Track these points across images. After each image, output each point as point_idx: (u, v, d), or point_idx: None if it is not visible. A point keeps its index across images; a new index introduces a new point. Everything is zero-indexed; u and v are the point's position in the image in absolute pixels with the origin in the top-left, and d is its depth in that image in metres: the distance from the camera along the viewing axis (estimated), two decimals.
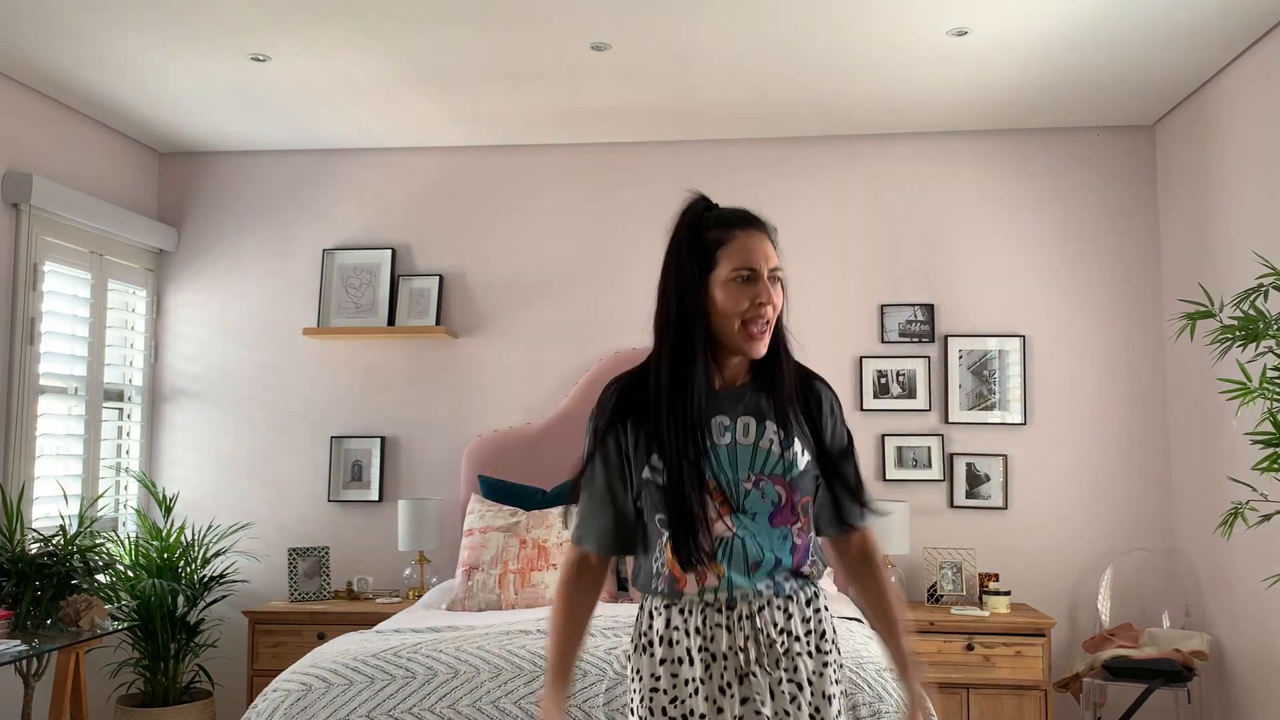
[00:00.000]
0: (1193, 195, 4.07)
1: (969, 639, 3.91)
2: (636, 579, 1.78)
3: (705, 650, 1.69)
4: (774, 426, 1.72)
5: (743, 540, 1.69)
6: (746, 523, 1.69)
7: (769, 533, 1.70)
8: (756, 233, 1.72)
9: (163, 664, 4.11)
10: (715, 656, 1.69)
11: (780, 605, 1.70)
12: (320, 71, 3.83)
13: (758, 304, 1.68)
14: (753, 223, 1.74)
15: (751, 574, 1.69)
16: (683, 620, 1.71)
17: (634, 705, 1.74)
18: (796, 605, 1.72)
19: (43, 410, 3.99)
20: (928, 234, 4.50)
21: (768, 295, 1.69)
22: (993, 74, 3.86)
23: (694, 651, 1.69)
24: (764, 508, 1.70)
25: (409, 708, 2.45)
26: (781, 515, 1.71)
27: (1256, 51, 3.56)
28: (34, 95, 4.01)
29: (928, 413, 4.43)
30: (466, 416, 4.62)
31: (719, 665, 1.68)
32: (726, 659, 1.68)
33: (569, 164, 4.69)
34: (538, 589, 3.71)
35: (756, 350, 1.70)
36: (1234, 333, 2.45)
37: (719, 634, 1.69)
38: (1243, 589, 3.71)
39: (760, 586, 1.69)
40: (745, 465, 1.70)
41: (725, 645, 1.68)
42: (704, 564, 1.67)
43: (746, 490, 1.69)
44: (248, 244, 4.77)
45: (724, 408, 1.73)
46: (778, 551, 1.70)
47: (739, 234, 1.71)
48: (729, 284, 1.69)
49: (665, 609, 1.73)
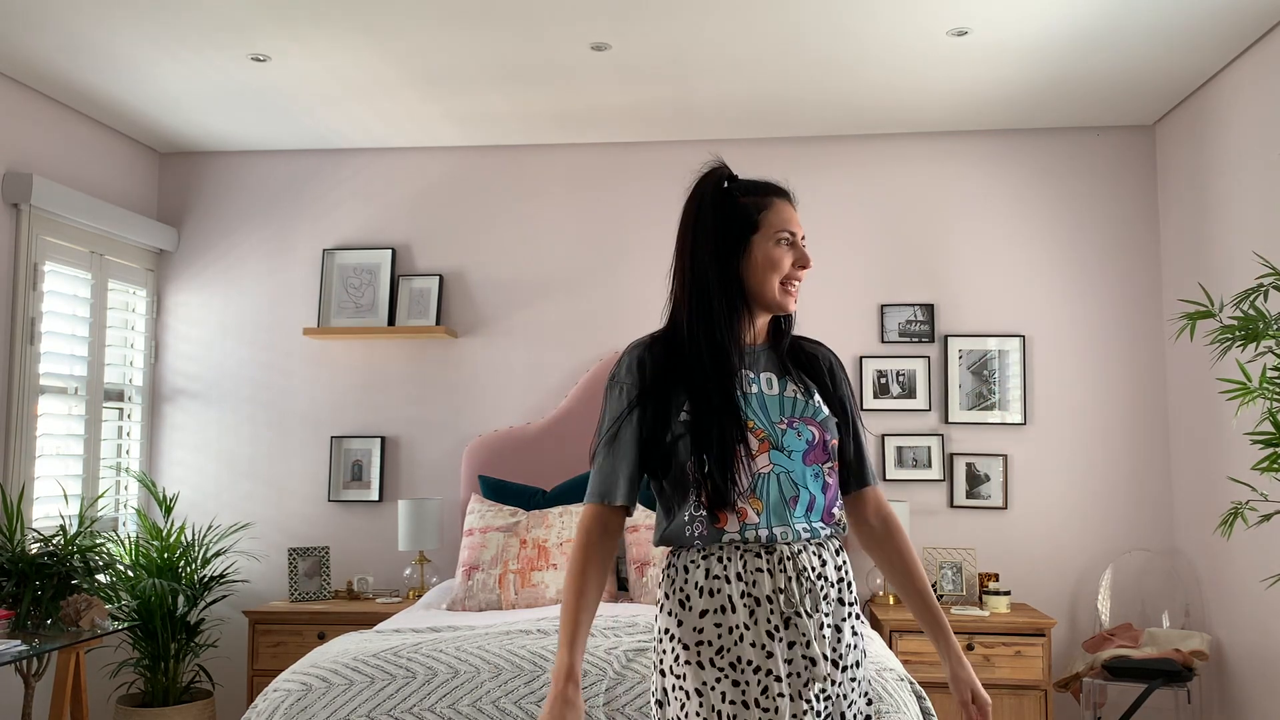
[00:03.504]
0: (1193, 195, 4.07)
1: (969, 639, 3.91)
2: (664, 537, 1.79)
3: (748, 595, 1.71)
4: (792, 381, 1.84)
5: (778, 477, 1.75)
6: (783, 460, 1.76)
7: (803, 470, 1.77)
8: (789, 202, 1.88)
9: (163, 664, 4.11)
10: (759, 601, 1.70)
11: (815, 550, 1.76)
12: (320, 71, 3.83)
13: (798, 265, 1.83)
14: (786, 192, 1.90)
15: (790, 510, 1.74)
16: (722, 568, 1.72)
17: (669, 665, 1.73)
18: (829, 552, 1.78)
19: (43, 410, 3.99)
20: (928, 234, 4.50)
21: (807, 258, 1.85)
22: (993, 74, 3.86)
23: (737, 598, 1.71)
24: (799, 445, 1.77)
25: (409, 708, 2.45)
26: (815, 453, 1.79)
27: (1256, 51, 3.56)
28: (34, 95, 4.01)
29: (928, 413, 4.43)
30: (466, 416, 4.62)
31: (764, 610, 1.70)
32: (771, 602, 1.70)
33: (569, 164, 4.69)
34: (538, 589, 3.71)
35: (790, 306, 1.85)
36: (1234, 333, 2.45)
37: (760, 578, 1.71)
38: (1243, 589, 3.71)
39: (798, 527, 1.74)
40: (776, 410, 1.79)
41: (769, 588, 1.71)
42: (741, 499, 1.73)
43: (782, 430, 1.77)
44: (248, 244, 4.77)
45: (749, 363, 1.83)
46: (812, 488, 1.77)
47: (777, 200, 1.86)
48: (774, 245, 1.82)
49: (704, 559, 1.74)
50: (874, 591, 4.32)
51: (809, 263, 1.85)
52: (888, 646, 3.59)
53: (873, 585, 4.33)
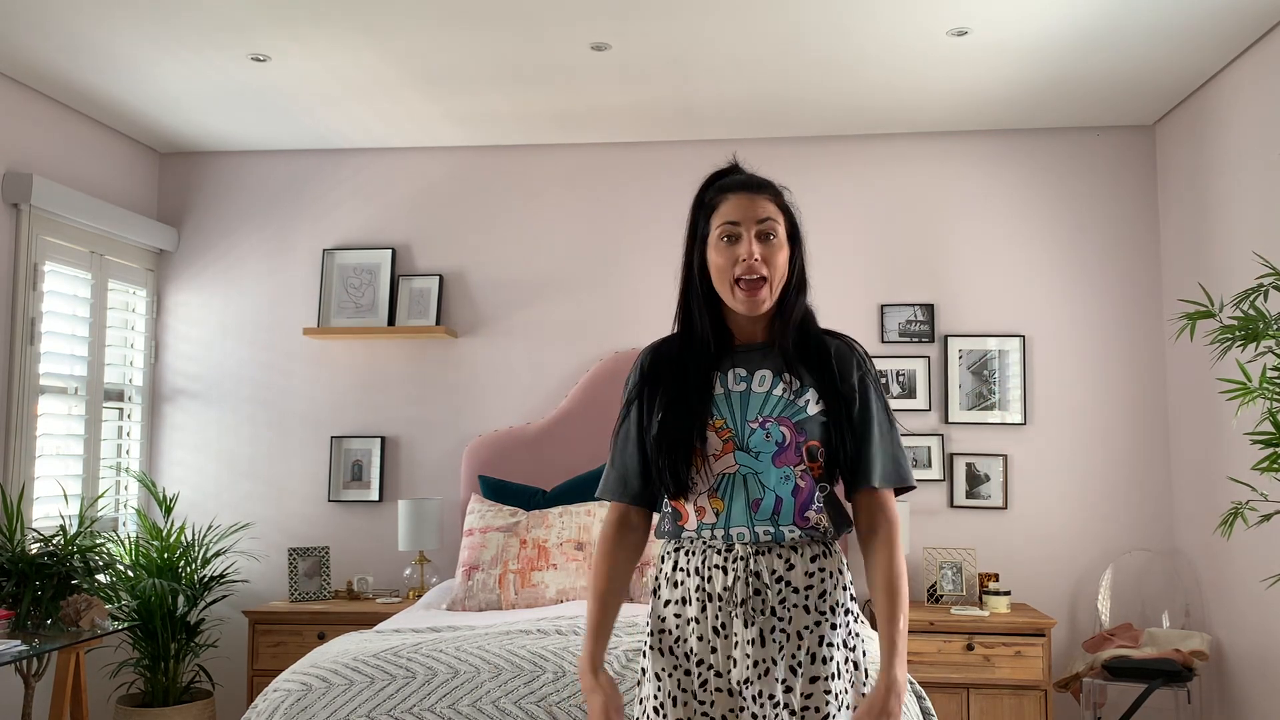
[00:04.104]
0: (1193, 195, 4.07)
1: (969, 639, 3.91)
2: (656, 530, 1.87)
3: (702, 590, 1.74)
4: (788, 377, 1.76)
5: (744, 478, 1.73)
6: (750, 461, 1.73)
7: (771, 472, 1.73)
8: (749, 193, 1.76)
9: (163, 664, 4.11)
10: (711, 597, 1.73)
11: (780, 554, 1.73)
12: (320, 71, 3.83)
13: (741, 262, 1.72)
14: (749, 185, 1.77)
15: (753, 514, 1.73)
16: (686, 561, 1.77)
17: (644, 649, 1.81)
18: (799, 558, 1.74)
19: (43, 410, 3.99)
20: (928, 234, 4.50)
21: (747, 251, 1.72)
22: (993, 74, 3.86)
23: (693, 591, 1.74)
24: (768, 447, 1.73)
25: (409, 708, 2.45)
26: (785, 455, 1.73)
27: (1256, 51, 3.56)
28: (34, 95, 4.01)
29: (928, 413, 4.43)
30: (466, 416, 4.62)
31: (714, 606, 1.73)
32: (722, 600, 1.72)
33: (569, 164, 4.69)
34: (538, 589, 3.71)
35: (751, 307, 1.74)
36: (1234, 333, 2.45)
37: (716, 575, 1.73)
38: (1243, 589, 3.71)
39: (758, 530, 1.73)
40: (756, 409, 1.75)
41: (720, 586, 1.72)
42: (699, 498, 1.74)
43: (752, 429, 1.74)
44: (248, 244, 4.77)
45: (742, 361, 1.79)
46: (779, 491, 1.73)
47: (731, 196, 1.76)
48: (717, 245, 1.76)
49: (674, 552, 1.80)
50: None
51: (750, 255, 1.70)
52: None
53: None
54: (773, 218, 1.75)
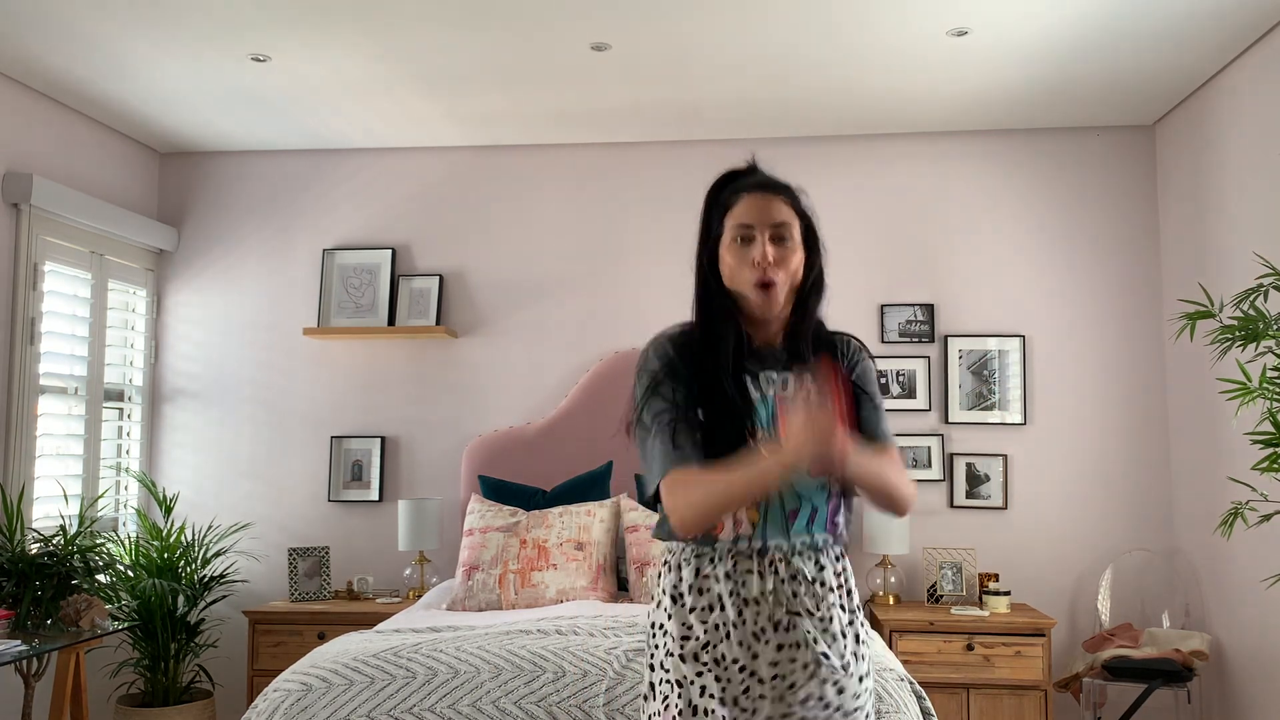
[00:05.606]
0: (1193, 195, 4.07)
1: (969, 639, 3.91)
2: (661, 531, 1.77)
3: (737, 595, 1.69)
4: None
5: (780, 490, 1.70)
6: None
7: (807, 480, 1.70)
8: (763, 194, 1.74)
9: (163, 664, 4.11)
10: (748, 601, 1.69)
11: (811, 556, 1.72)
12: (320, 71, 3.83)
13: (754, 263, 1.71)
14: (765, 186, 1.75)
15: (789, 524, 1.70)
16: (712, 568, 1.71)
17: (659, 660, 1.73)
18: (828, 559, 1.74)
19: (43, 410, 3.99)
20: (928, 234, 4.50)
21: (761, 254, 1.70)
22: (993, 74, 3.86)
23: (726, 597, 1.69)
24: None
25: (409, 708, 2.45)
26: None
27: (1256, 51, 3.56)
28: (34, 95, 4.01)
29: (928, 413, 4.43)
30: (466, 416, 4.62)
31: (752, 610, 1.69)
32: (759, 604, 1.69)
33: (569, 164, 4.69)
34: (538, 589, 3.71)
35: (767, 309, 1.73)
36: (1234, 333, 2.45)
37: (749, 579, 1.69)
38: (1243, 589, 3.71)
39: (796, 541, 1.71)
40: None
41: (757, 590, 1.69)
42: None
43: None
44: (248, 244, 4.77)
45: (764, 364, 1.76)
46: (815, 500, 1.71)
47: (746, 197, 1.74)
48: (731, 246, 1.74)
49: (695, 559, 1.73)
50: (874, 591, 4.32)
51: (764, 257, 1.70)
52: (888, 647, 3.59)
53: (873, 585, 4.32)
54: (787, 221, 1.73)
